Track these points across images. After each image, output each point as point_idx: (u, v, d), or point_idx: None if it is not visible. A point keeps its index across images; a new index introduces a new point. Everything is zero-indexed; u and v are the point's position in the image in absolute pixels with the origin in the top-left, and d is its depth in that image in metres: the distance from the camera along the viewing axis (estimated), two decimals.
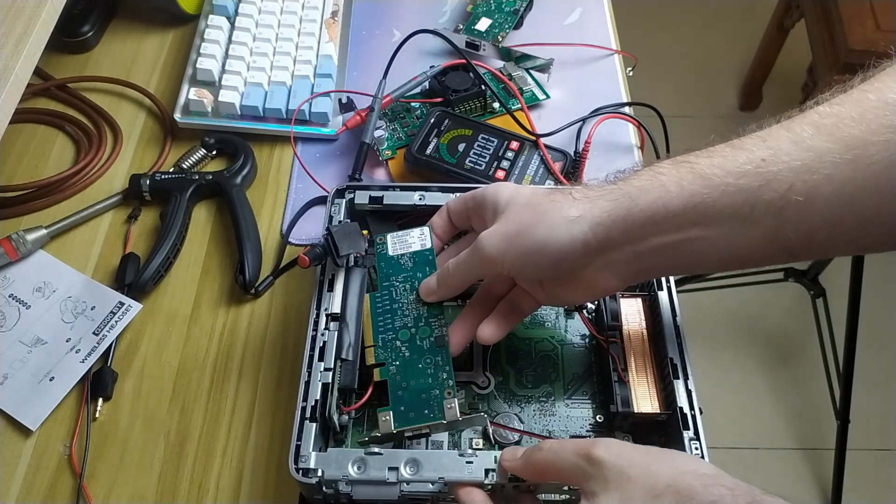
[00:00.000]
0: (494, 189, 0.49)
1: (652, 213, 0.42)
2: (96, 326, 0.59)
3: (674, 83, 1.84)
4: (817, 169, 0.38)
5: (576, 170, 0.65)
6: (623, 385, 0.50)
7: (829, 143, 0.39)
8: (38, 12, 0.59)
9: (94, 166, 0.69)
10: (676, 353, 0.50)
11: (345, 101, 0.71)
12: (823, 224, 0.39)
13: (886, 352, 1.44)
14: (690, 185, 0.41)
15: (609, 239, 0.43)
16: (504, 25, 0.75)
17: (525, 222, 0.45)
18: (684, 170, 0.42)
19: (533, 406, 0.52)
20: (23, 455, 0.54)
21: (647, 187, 0.43)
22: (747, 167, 0.40)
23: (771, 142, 0.41)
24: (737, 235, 0.41)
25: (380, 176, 0.68)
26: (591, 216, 0.43)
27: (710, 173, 0.41)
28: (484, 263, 0.47)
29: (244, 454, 0.54)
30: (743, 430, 1.40)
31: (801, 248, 0.41)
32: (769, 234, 0.40)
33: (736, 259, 0.43)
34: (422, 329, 0.50)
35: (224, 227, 0.66)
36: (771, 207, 0.39)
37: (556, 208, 0.45)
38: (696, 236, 0.42)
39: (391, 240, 0.54)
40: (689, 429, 0.47)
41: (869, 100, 0.39)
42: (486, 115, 0.71)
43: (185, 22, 0.81)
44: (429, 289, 0.51)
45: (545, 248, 0.44)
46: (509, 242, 0.46)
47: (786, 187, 0.39)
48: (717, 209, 0.41)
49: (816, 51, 1.38)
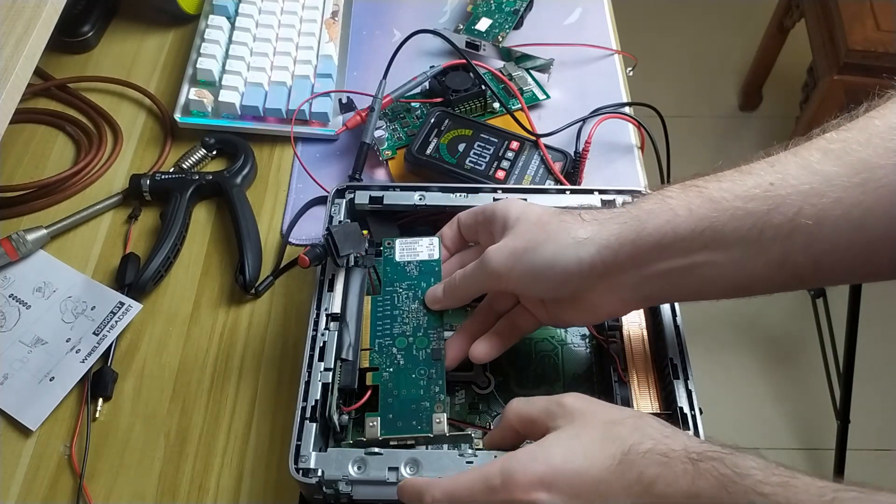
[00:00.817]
0: (505, 204, 0.49)
1: (660, 236, 0.42)
2: (96, 326, 0.59)
3: (674, 83, 1.84)
4: (826, 192, 0.39)
5: (576, 170, 0.65)
6: (623, 385, 0.50)
7: (837, 167, 0.39)
8: (39, 12, 0.59)
9: (94, 166, 0.69)
10: (676, 354, 0.50)
11: (345, 102, 0.71)
12: (832, 248, 0.39)
13: (886, 352, 1.44)
14: (699, 209, 0.41)
15: (616, 262, 0.43)
16: (504, 25, 0.75)
17: (533, 240, 0.45)
18: (693, 193, 0.42)
19: None
20: (23, 455, 0.54)
21: (655, 211, 0.43)
22: (756, 191, 0.40)
23: (779, 167, 0.41)
24: (746, 260, 0.41)
25: (380, 176, 0.68)
26: (600, 238, 0.43)
27: (718, 197, 0.41)
28: (490, 278, 0.47)
29: (244, 454, 0.54)
30: (743, 430, 1.40)
31: (810, 273, 0.40)
32: (779, 259, 0.40)
33: (744, 285, 0.43)
34: (419, 339, 0.50)
35: (224, 227, 0.66)
36: (780, 231, 0.39)
37: (565, 228, 0.45)
38: (705, 261, 0.42)
39: (399, 245, 0.54)
40: (690, 429, 0.47)
41: (875, 125, 0.40)
42: (487, 115, 0.71)
43: (185, 22, 0.81)
44: (434, 297, 0.51)
45: (552, 268, 0.44)
46: (517, 259, 0.46)
47: (794, 211, 0.39)
48: (726, 233, 0.41)
49: (816, 51, 1.38)
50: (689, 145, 1.74)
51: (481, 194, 0.57)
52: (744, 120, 1.82)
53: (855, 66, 1.27)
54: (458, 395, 0.53)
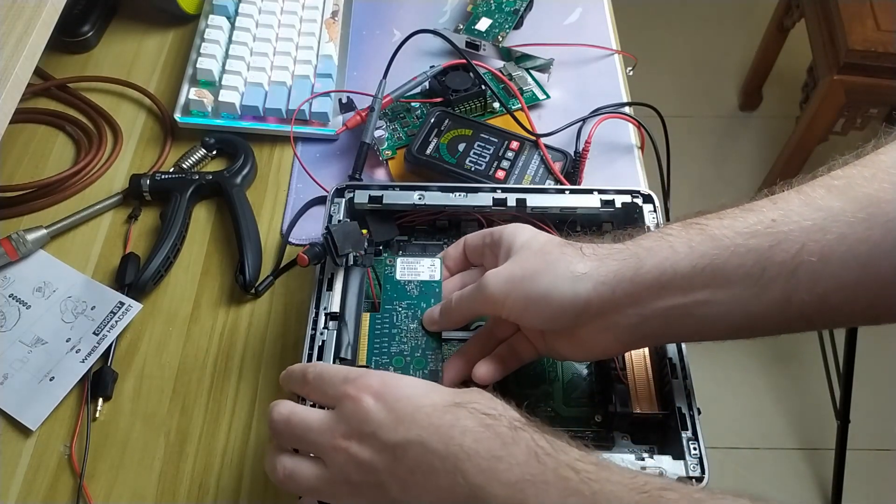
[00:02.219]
0: (513, 229, 0.48)
1: (659, 273, 0.41)
2: (96, 326, 0.59)
3: (674, 83, 1.84)
4: (830, 228, 0.38)
5: (576, 170, 0.65)
6: (622, 385, 0.50)
7: (841, 203, 0.38)
8: (38, 12, 0.59)
9: (94, 166, 0.69)
10: (675, 353, 0.50)
11: (345, 101, 0.71)
12: (839, 286, 0.38)
13: (886, 352, 1.44)
14: (700, 246, 0.41)
15: (613, 300, 0.42)
16: (504, 25, 0.75)
17: (531, 269, 0.45)
18: (694, 231, 0.42)
19: (532, 405, 0.52)
20: (23, 455, 0.54)
21: (654, 248, 0.42)
22: (757, 227, 0.40)
23: (782, 203, 0.40)
24: (749, 298, 0.40)
25: (380, 176, 0.68)
26: (598, 275, 0.43)
27: (720, 234, 0.40)
28: (486, 303, 0.47)
29: (244, 454, 0.54)
30: (743, 429, 1.40)
31: (816, 313, 0.39)
32: (783, 297, 0.39)
33: (747, 325, 0.41)
34: (417, 360, 0.50)
35: (224, 227, 0.66)
36: (783, 269, 0.39)
37: (565, 261, 0.44)
38: (705, 299, 0.41)
39: (401, 263, 0.54)
40: (688, 429, 0.47)
41: (881, 160, 0.39)
42: (487, 115, 0.71)
43: (185, 22, 0.81)
44: (431, 318, 0.51)
45: (546, 299, 0.43)
46: (513, 286, 0.45)
47: (798, 247, 0.38)
48: (728, 270, 0.40)
49: (816, 51, 1.38)
50: (689, 145, 1.75)
51: (480, 194, 0.57)
52: (744, 120, 1.82)
53: (855, 66, 1.26)
54: None
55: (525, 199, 0.57)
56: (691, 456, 0.46)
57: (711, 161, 1.75)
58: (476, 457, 0.36)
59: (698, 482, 0.45)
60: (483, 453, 0.36)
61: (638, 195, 0.57)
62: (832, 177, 0.40)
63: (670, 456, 0.46)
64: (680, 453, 0.46)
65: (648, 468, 0.45)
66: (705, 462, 0.46)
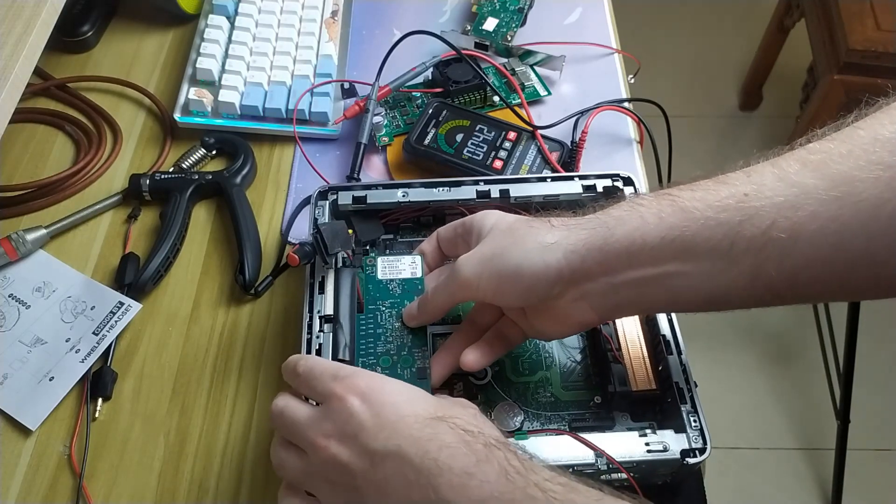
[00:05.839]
0: (482, 216, 0.49)
1: (628, 243, 0.41)
2: (96, 326, 0.59)
3: (674, 83, 1.84)
4: (802, 205, 0.37)
5: (573, 160, 0.65)
6: (618, 365, 0.50)
7: (815, 180, 0.38)
8: (38, 12, 0.59)
9: (94, 166, 0.69)
10: (668, 330, 0.50)
11: (347, 87, 0.71)
12: (808, 263, 0.38)
13: (886, 352, 1.44)
14: (669, 218, 0.41)
15: (584, 269, 0.42)
16: (511, 24, 0.75)
17: (501, 246, 0.45)
18: (665, 202, 0.41)
19: (531, 392, 0.53)
20: (23, 455, 0.54)
21: (624, 218, 0.42)
22: (729, 201, 0.39)
23: (755, 177, 0.40)
24: (717, 272, 0.40)
25: (378, 164, 0.68)
26: (567, 243, 0.43)
27: (690, 206, 0.40)
28: (461, 287, 0.47)
29: (244, 454, 0.54)
30: (743, 429, 1.40)
31: (785, 289, 0.39)
32: (751, 273, 0.39)
33: (717, 298, 0.41)
34: (404, 358, 0.50)
35: (224, 227, 0.66)
36: (752, 244, 0.38)
37: (533, 234, 0.44)
38: (674, 271, 0.41)
39: (381, 263, 0.54)
40: (687, 402, 0.47)
41: (859, 135, 0.38)
42: (486, 108, 0.71)
43: (185, 22, 0.81)
44: (410, 313, 0.51)
45: (518, 273, 0.44)
46: (484, 265, 0.45)
47: (768, 223, 0.38)
48: (696, 243, 0.40)
49: (816, 51, 1.38)
50: (690, 145, 1.74)
51: (464, 187, 0.57)
52: (744, 120, 1.82)
53: (855, 66, 1.26)
54: (456, 386, 0.53)
55: (508, 189, 0.57)
56: (692, 428, 0.47)
57: (711, 161, 1.74)
58: (449, 472, 0.37)
59: (701, 454, 0.46)
60: (456, 469, 0.37)
61: (619, 178, 0.57)
62: (809, 150, 0.39)
63: (672, 430, 0.47)
64: (681, 427, 0.47)
65: (651, 444, 0.46)
66: (706, 433, 0.46)
